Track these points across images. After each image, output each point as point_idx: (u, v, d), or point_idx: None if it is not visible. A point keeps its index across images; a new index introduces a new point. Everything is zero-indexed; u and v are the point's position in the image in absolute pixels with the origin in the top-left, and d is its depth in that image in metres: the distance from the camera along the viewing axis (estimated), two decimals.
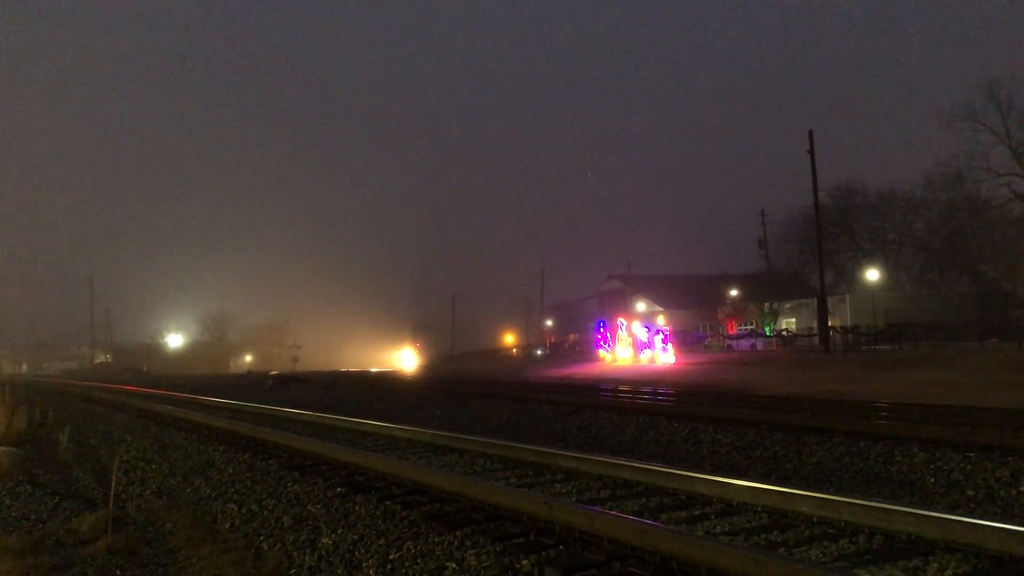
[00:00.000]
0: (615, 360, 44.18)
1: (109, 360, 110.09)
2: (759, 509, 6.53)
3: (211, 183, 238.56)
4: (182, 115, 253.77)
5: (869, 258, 59.03)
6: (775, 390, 22.62)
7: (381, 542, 6.23)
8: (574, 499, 7.41)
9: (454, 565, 5.47)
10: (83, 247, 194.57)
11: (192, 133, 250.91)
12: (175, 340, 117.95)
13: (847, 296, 55.46)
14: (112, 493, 8.42)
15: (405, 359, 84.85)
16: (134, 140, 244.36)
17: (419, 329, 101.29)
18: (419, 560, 5.70)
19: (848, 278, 62.20)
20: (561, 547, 5.67)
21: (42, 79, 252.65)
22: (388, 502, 7.52)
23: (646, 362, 40.72)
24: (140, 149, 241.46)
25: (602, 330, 47.76)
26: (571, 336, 79.20)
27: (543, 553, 5.54)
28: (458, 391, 26.60)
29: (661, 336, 40.82)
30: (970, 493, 7.66)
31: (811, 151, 37.89)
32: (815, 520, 6.04)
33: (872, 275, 54.10)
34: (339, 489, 8.39)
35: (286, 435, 12.69)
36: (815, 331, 43.72)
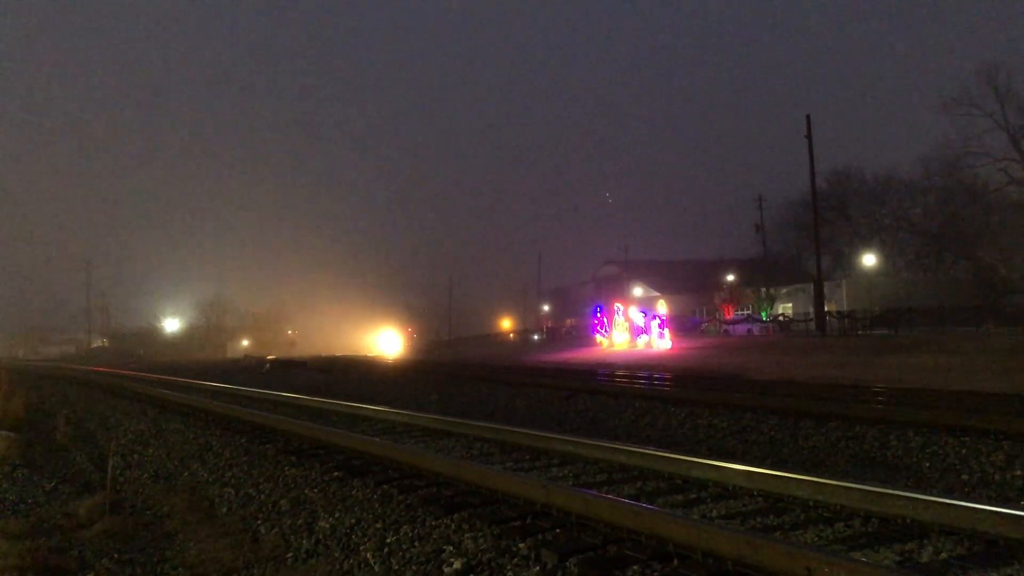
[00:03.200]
0: (612, 345, 44.25)
1: (106, 345, 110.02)
2: (755, 493, 6.55)
3: (209, 168, 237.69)
4: (181, 100, 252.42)
5: (866, 243, 59.11)
6: (771, 375, 22.68)
7: (378, 525, 6.25)
8: (571, 483, 7.43)
9: (451, 548, 5.49)
10: (80, 232, 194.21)
11: (191, 118, 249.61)
12: (172, 325, 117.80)
13: (844, 281, 55.60)
14: (109, 477, 8.43)
15: (386, 343, 78.58)
16: (132, 125, 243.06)
17: (415, 313, 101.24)
18: (416, 543, 5.72)
19: (845, 263, 62.29)
20: (558, 530, 5.69)
21: (42, 63, 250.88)
22: (385, 486, 7.53)
23: (643, 347, 40.79)
24: (138, 133, 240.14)
25: (599, 315, 47.82)
26: (568, 321, 79.39)
27: (540, 536, 5.55)
28: (455, 375, 26.62)
29: (658, 321, 40.84)
30: (965, 477, 7.69)
31: (808, 136, 37.85)
32: (811, 504, 6.07)
33: (869, 260, 54.22)
34: (336, 473, 8.40)
35: (283, 419, 12.70)
36: (811, 316, 43.85)
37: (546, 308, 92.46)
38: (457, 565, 5.15)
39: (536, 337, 72.88)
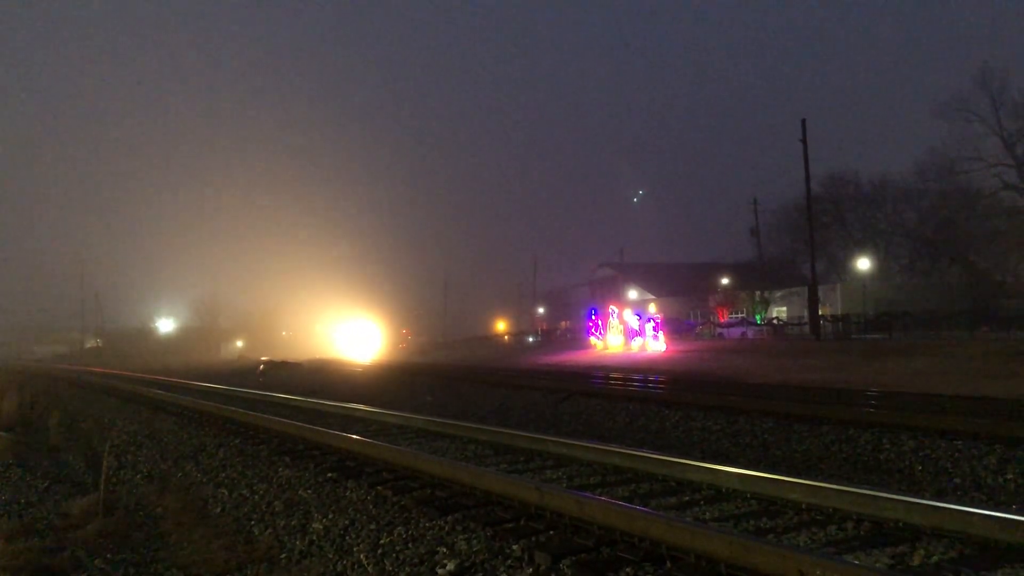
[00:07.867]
0: (606, 347, 44.27)
1: (100, 345, 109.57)
2: (748, 496, 6.57)
3: (205, 168, 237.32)
4: (176, 101, 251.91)
5: (860, 247, 59.17)
6: (765, 378, 22.71)
7: (372, 527, 6.25)
8: (564, 485, 7.44)
9: (444, 549, 5.50)
10: (74, 231, 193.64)
11: (186, 117, 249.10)
12: (166, 325, 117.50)
13: (838, 285, 55.72)
14: (103, 477, 8.41)
15: (350, 340, 69.66)
16: (127, 124, 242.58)
17: (410, 315, 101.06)
18: (410, 545, 5.72)
19: (839, 267, 62.39)
20: (551, 532, 5.70)
21: (38, 63, 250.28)
22: (379, 487, 7.53)
23: (637, 350, 40.81)
24: (133, 133, 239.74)
25: (593, 317, 47.79)
26: (563, 323, 79.36)
27: (533, 538, 5.56)
28: (449, 377, 26.62)
29: (652, 324, 40.88)
30: (957, 480, 7.73)
31: (804, 140, 37.94)
32: (804, 507, 6.08)
33: (863, 264, 54.28)
34: (330, 474, 8.40)
35: (277, 420, 12.69)
36: (806, 320, 43.91)
37: (541, 310, 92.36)
38: (451, 567, 5.16)
39: (531, 339, 72.82)
